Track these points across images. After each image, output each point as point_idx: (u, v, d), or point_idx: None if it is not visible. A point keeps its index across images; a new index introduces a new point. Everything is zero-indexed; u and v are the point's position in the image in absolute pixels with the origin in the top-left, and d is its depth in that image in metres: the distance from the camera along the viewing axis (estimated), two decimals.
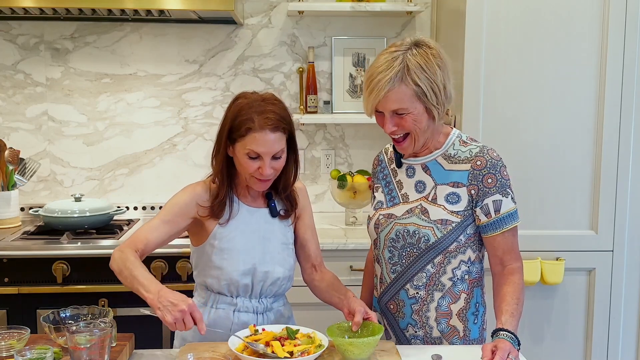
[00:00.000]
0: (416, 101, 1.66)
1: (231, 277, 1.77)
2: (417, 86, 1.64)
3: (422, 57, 1.66)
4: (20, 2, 2.65)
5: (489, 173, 1.72)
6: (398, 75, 1.64)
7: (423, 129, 1.70)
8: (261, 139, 1.69)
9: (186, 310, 1.53)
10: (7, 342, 1.53)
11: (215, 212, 1.79)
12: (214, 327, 1.81)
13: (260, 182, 1.76)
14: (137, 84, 3.15)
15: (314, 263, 1.95)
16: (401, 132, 1.71)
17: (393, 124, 1.69)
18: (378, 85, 1.65)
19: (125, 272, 1.66)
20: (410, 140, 1.72)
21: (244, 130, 1.70)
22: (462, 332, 1.77)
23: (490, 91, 2.61)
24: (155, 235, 1.76)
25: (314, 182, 3.27)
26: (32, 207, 2.97)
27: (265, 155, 1.71)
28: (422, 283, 1.76)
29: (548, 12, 2.58)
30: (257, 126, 1.69)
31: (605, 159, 2.64)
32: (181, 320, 1.53)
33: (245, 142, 1.70)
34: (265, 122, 1.69)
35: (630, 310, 2.74)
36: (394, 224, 1.77)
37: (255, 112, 1.70)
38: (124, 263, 1.68)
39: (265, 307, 1.84)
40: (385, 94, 1.65)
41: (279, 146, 1.72)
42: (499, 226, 1.72)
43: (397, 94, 1.65)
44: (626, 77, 2.60)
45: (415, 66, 1.65)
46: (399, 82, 1.64)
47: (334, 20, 3.17)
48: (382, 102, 1.67)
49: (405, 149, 1.75)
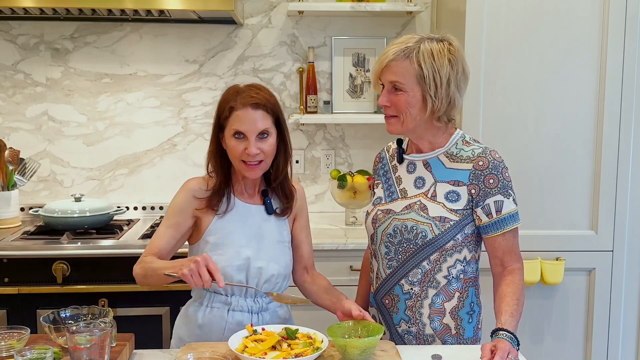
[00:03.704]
0: (415, 84, 1.69)
1: (225, 272, 1.77)
2: (419, 67, 1.68)
3: (438, 47, 1.70)
4: (20, 2, 2.65)
5: (491, 174, 1.72)
6: (406, 51, 1.69)
7: (413, 116, 1.72)
8: (243, 116, 1.74)
9: (200, 261, 1.56)
10: (7, 342, 1.53)
11: (212, 202, 1.81)
12: (209, 326, 1.81)
13: (249, 167, 1.77)
14: (137, 84, 3.15)
15: (306, 265, 1.96)
16: (392, 111, 1.73)
17: (387, 98, 1.73)
18: (384, 54, 1.72)
19: (148, 272, 1.72)
20: (397, 120, 1.74)
21: (227, 110, 1.76)
22: (455, 329, 1.78)
23: (490, 91, 2.61)
24: (164, 241, 1.81)
25: (314, 182, 3.27)
26: (32, 207, 2.97)
27: (248, 133, 1.74)
28: (417, 279, 1.76)
29: (548, 12, 2.58)
30: (239, 104, 1.75)
31: (605, 159, 2.64)
32: (196, 272, 1.55)
33: (231, 123, 1.76)
34: (247, 100, 1.75)
35: (630, 310, 2.74)
36: (392, 219, 1.78)
37: (239, 94, 1.77)
38: (144, 269, 1.75)
39: (260, 307, 1.83)
40: (388, 63, 1.70)
41: (262, 124, 1.75)
42: (500, 227, 1.72)
43: (398, 67, 1.69)
44: (626, 77, 2.60)
45: (426, 50, 1.69)
46: (405, 58, 1.69)
47: (334, 20, 3.17)
48: (384, 70, 1.72)
49: (392, 125, 1.76)
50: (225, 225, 1.82)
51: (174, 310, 2.60)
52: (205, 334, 1.81)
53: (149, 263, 1.73)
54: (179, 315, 1.93)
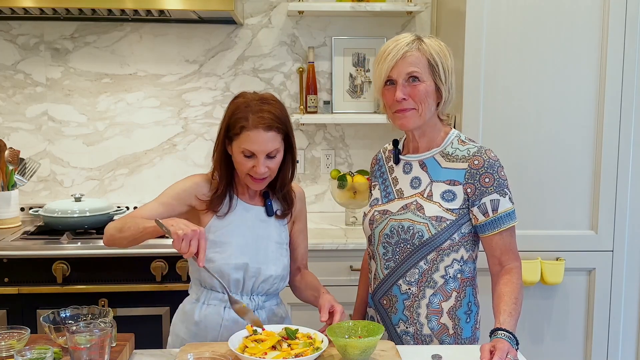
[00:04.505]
0: (429, 73, 1.71)
1: (222, 270, 1.77)
2: (432, 57, 1.70)
3: (435, 41, 1.75)
4: (20, 2, 2.65)
5: (487, 172, 1.72)
6: (415, 43, 1.71)
7: (429, 107, 1.72)
8: (254, 138, 1.71)
9: (197, 232, 1.55)
10: (7, 342, 1.53)
11: (213, 205, 1.81)
12: (205, 323, 1.81)
13: (255, 181, 1.78)
14: (137, 84, 3.15)
15: (299, 265, 1.98)
16: (410, 104, 1.71)
17: (405, 92, 1.70)
18: (395, 48, 1.71)
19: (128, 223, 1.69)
20: (415, 112, 1.72)
21: (238, 128, 1.73)
22: (452, 329, 1.78)
23: (490, 91, 2.61)
24: (149, 214, 1.74)
25: (314, 182, 3.27)
26: (32, 207, 2.97)
27: (258, 153, 1.73)
28: (415, 279, 1.76)
29: (548, 12, 2.58)
30: (250, 125, 1.71)
31: (605, 159, 2.64)
32: (189, 238, 1.53)
33: (240, 141, 1.73)
34: (259, 121, 1.71)
35: (630, 310, 2.74)
36: (389, 220, 1.78)
37: (251, 111, 1.72)
38: (123, 221, 1.72)
39: (256, 305, 1.84)
40: (403, 55, 1.69)
41: (272, 145, 1.73)
42: (497, 226, 1.72)
43: (414, 58, 1.70)
44: (626, 77, 2.60)
45: (430, 42, 1.73)
46: (416, 49, 1.70)
47: (334, 20, 3.17)
48: (399, 63, 1.70)
49: (409, 118, 1.73)
50: (224, 224, 1.82)
51: (173, 310, 2.56)
52: (202, 330, 1.82)
53: (129, 218, 1.71)
54: (176, 313, 1.94)
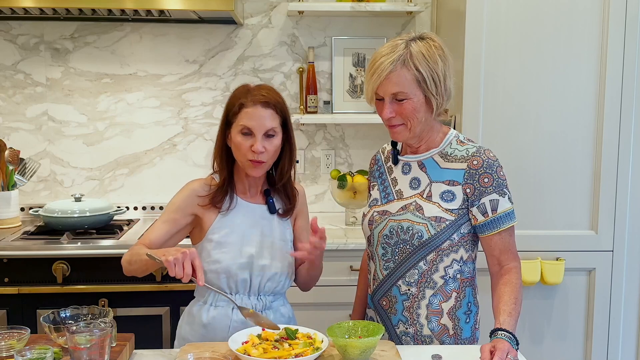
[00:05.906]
0: (417, 88, 1.68)
1: (229, 270, 1.78)
2: (418, 72, 1.67)
3: (425, 47, 1.70)
4: (20, 2, 2.65)
5: (486, 173, 1.72)
6: (400, 59, 1.68)
7: (420, 120, 1.72)
8: (253, 113, 1.76)
9: (187, 254, 1.57)
10: (7, 342, 1.53)
11: (216, 199, 1.82)
12: (214, 325, 1.81)
13: (254, 164, 1.78)
14: (137, 84, 3.15)
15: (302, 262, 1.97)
16: (398, 120, 1.72)
17: (391, 110, 1.71)
18: (380, 67, 1.69)
19: (134, 257, 1.74)
20: (404, 128, 1.73)
21: (237, 107, 1.78)
22: (452, 330, 1.77)
23: (490, 91, 2.61)
24: (157, 234, 1.82)
25: (314, 182, 3.27)
26: (32, 207, 2.97)
27: (256, 130, 1.76)
28: (414, 280, 1.76)
29: (548, 12, 2.58)
30: (249, 101, 1.77)
31: (605, 158, 2.64)
32: (181, 262, 1.56)
33: (239, 119, 1.77)
34: (257, 99, 1.77)
35: (630, 310, 2.74)
36: (388, 221, 1.78)
37: (250, 92, 1.80)
38: (130, 254, 1.76)
39: (264, 305, 1.84)
40: (387, 76, 1.68)
41: (270, 123, 1.77)
42: (496, 226, 1.72)
43: (399, 77, 1.68)
44: (626, 76, 2.60)
45: (417, 53, 1.68)
46: (401, 66, 1.68)
47: (334, 20, 3.17)
48: (384, 84, 1.69)
49: (399, 133, 1.75)
50: (228, 224, 1.83)
51: (174, 310, 2.60)
52: (210, 333, 1.82)
53: (136, 250, 1.75)
54: (182, 316, 1.93)
